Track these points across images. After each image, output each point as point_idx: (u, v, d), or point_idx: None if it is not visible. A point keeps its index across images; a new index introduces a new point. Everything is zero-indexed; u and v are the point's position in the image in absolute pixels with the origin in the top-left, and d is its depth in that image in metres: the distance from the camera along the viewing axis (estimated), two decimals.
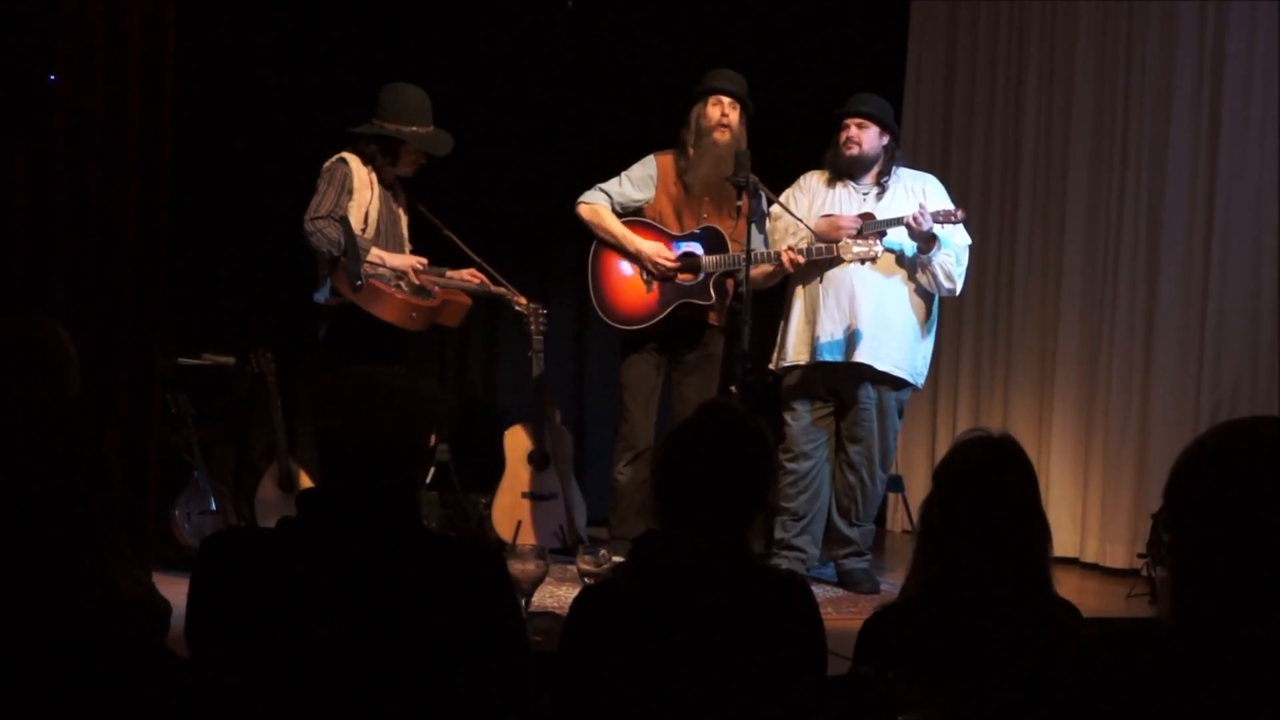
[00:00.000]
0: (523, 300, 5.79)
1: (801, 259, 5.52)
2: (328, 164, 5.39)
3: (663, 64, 7.15)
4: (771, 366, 5.84)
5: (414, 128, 5.40)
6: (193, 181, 6.16)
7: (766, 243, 5.72)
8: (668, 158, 5.79)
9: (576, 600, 2.51)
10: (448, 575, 2.29)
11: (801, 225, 5.59)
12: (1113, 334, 6.46)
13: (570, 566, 5.67)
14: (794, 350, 5.69)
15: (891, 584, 5.75)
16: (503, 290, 5.73)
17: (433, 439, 2.45)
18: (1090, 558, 6.48)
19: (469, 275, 5.67)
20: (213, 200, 6.54)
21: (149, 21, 5.20)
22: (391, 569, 2.27)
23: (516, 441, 6.19)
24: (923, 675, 2.35)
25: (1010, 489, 2.56)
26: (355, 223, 5.34)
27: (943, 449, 2.96)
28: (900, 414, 5.80)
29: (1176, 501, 1.60)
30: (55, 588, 1.70)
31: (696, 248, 5.70)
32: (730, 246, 5.63)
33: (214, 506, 5.69)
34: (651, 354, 5.77)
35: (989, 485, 2.54)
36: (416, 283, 5.45)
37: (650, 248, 5.70)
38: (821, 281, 5.61)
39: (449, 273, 5.62)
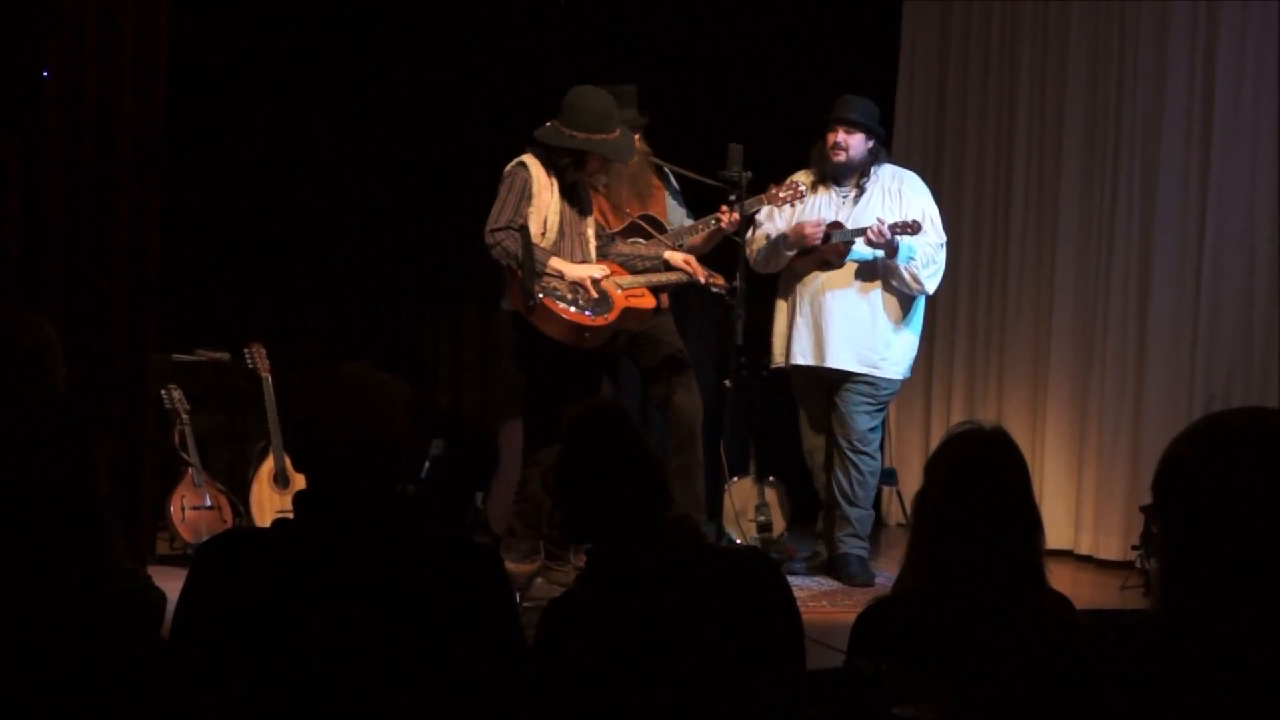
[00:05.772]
0: (720, 280, 5.54)
1: (737, 215, 5.53)
2: (508, 168, 5.28)
3: (655, 62, 7.14)
4: (771, 363, 5.98)
5: (600, 135, 5.26)
6: (187, 176, 6.16)
7: (688, 218, 5.84)
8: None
9: (543, 617, 2.48)
10: (444, 575, 2.29)
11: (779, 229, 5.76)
12: (1106, 327, 6.46)
13: None
14: (777, 353, 5.89)
15: (886, 577, 5.75)
16: (718, 282, 5.53)
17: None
18: (1084, 550, 6.48)
19: (684, 263, 5.45)
20: (207, 195, 6.53)
21: (143, 16, 5.20)
22: (388, 569, 2.26)
23: (513, 438, 6.18)
24: (917, 668, 2.36)
25: (1001, 481, 2.56)
26: (535, 229, 5.19)
27: (937, 442, 2.96)
28: (885, 405, 5.93)
29: (1164, 492, 1.61)
30: (46, 582, 1.70)
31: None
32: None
33: (209, 502, 5.69)
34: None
35: (980, 478, 2.55)
36: (594, 295, 5.27)
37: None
38: (800, 285, 5.76)
39: (667, 254, 5.46)
